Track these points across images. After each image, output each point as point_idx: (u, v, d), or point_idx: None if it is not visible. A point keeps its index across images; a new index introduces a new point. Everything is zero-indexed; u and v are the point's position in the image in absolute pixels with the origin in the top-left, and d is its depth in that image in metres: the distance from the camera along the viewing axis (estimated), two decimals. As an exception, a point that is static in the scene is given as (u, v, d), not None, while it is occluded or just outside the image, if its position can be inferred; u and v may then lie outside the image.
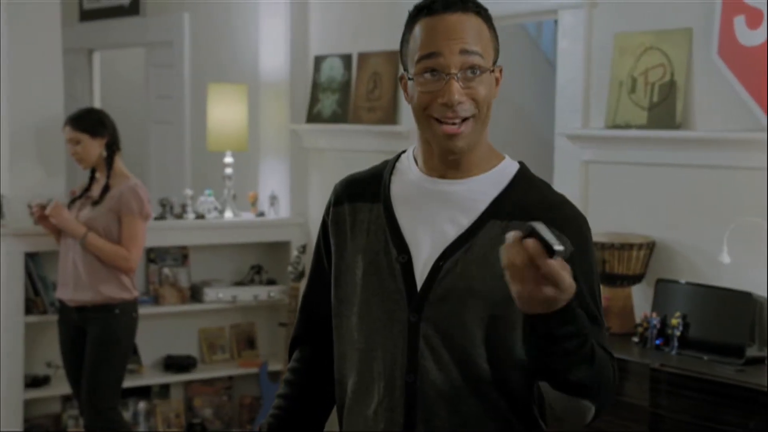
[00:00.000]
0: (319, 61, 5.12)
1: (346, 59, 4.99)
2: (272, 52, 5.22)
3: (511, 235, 1.45)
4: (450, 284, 1.67)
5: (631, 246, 3.54)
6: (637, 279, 3.59)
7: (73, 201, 4.24)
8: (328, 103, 5.05)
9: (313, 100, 5.13)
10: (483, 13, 1.71)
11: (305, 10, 5.19)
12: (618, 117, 3.73)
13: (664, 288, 3.50)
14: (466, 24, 1.67)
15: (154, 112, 6.50)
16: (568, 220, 1.69)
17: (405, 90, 1.76)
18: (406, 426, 1.69)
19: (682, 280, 3.47)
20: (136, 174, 6.61)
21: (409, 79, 1.73)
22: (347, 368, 1.77)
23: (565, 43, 4.00)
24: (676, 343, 3.32)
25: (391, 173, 1.81)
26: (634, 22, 3.73)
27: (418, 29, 1.71)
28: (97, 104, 7.00)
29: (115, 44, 6.95)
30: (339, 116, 4.99)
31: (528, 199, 1.72)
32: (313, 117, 5.13)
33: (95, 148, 4.16)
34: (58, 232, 4.21)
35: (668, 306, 3.43)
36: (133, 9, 6.48)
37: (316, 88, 5.12)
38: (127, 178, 4.20)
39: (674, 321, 3.35)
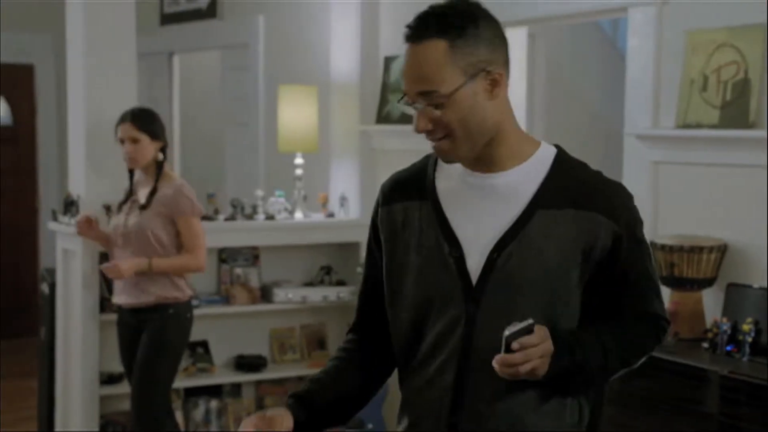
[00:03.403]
0: (388, 61, 5.11)
1: (416, 60, 4.97)
2: (343, 53, 5.23)
3: (497, 361, 1.62)
4: (505, 276, 1.72)
5: (701, 249, 3.45)
6: (707, 283, 3.49)
7: (119, 206, 4.19)
8: (397, 103, 5.03)
9: (383, 100, 5.13)
10: (442, 29, 1.69)
11: (375, 11, 5.19)
12: (689, 116, 3.63)
13: (735, 292, 3.39)
14: (419, 56, 1.69)
15: (229, 114, 6.58)
16: (610, 200, 1.76)
17: None
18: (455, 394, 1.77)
19: (755, 285, 3.36)
20: (214, 176, 6.80)
21: None
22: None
23: (635, 41, 3.91)
24: (747, 350, 3.23)
25: (434, 170, 1.85)
26: (705, 19, 3.62)
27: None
28: (176, 107, 7.12)
29: (194, 47, 7.06)
30: (408, 117, 4.95)
31: (570, 184, 1.76)
32: (382, 118, 5.12)
33: (151, 150, 4.08)
34: (105, 239, 4.22)
35: (740, 311, 3.33)
36: (211, 12, 6.57)
37: (386, 88, 5.11)
38: (172, 180, 4.14)
39: (746, 327, 3.25)
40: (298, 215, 5.06)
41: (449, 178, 1.82)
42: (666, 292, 3.58)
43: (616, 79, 5.14)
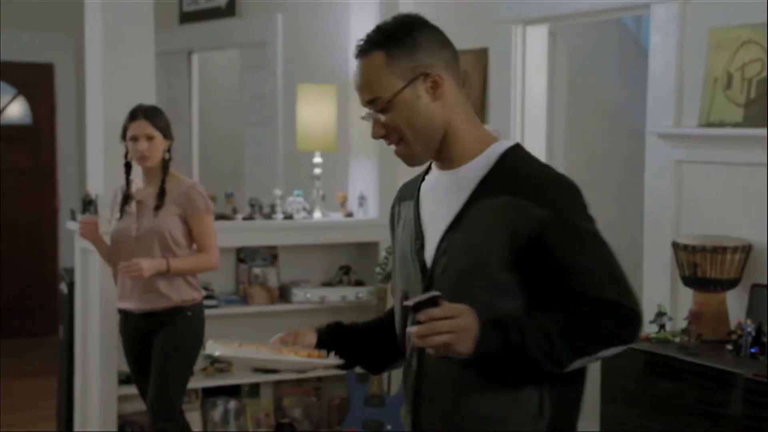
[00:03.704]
0: (408, 60, 5.07)
1: (435, 58, 4.93)
2: (362, 51, 5.19)
3: (411, 331, 1.72)
4: (447, 264, 1.87)
5: (725, 249, 3.39)
6: (731, 284, 3.44)
7: (121, 208, 4.04)
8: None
9: (402, 99, 5.08)
10: (380, 42, 1.86)
11: (395, 9, 5.14)
12: (712, 114, 3.58)
13: (760, 293, 3.34)
14: (363, 68, 1.88)
15: (248, 113, 6.57)
16: (542, 188, 1.83)
17: None
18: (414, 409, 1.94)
19: (780, 286, 3.31)
20: (233, 175, 6.78)
21: None
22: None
23: (658, 38, 3.86)
24: (772, 352, 3.17)
25: (426, 172, 2.02)
26: (729, 16, 3.57)
27: None
28: (194, 106, 7.12)
29: (213, 46, 7.05)
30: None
31: (509, 176, 1.87)
32: (401, 117, 5.08)
33: (162, 149, 4.00)
34: (104, 244, 4.07)
35: (764, 312, 3.27)
36: (230, 11, 6.56)
37: (405, 87, 5.07)
38: (181, 180, 4.05)
39: (770, 329, 3.20)
40: (317, 215, 5.04)
41: (429, 178, 1.99)
42: (689, 293, 3.53)
43: (639, 77, 5.08)
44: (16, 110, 7.82)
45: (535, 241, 1.79)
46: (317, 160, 5.05)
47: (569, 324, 1.76)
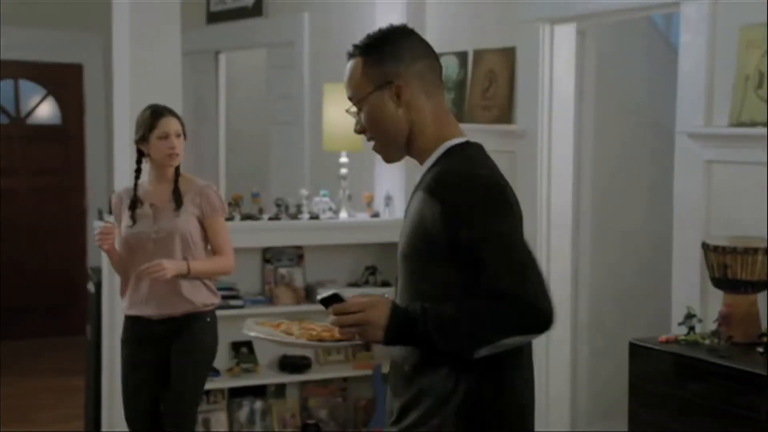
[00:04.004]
0: (434, 59, 5.05)
1: (462, 57, 4.91)
2: (388, 51, 5.17)
3: (330, 321, 1.98)
4: (398, 249, 2.10)
5: (755, 250, 3.34)
6: (762, 285, 3.38)
7: (132, 210, 3.83)
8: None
9: (429, 99, 5.06)
10: (362, 49, 2.10)
11: (421, 8, 5.13)
12: (743, 114, 3.52)
13: (791, 296, 3.28)
14: (348, 70, 2.13)
15: (274, 112, 6.57)
16: (440, 182, 2.00)
17: None
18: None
19: (812, 288, 3.25)
20: (259, 174, 6.79)
21: None
22: None
23: (688, 37, 3.81)
24: (804, 355, 3.12)
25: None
26: (760, 14, 3.51)
27: None
28: (222, 105, 7.14)
29: (240, 45, 7.06)
30: (454, 115, 4.89)
31: (432, 172, 2.06)
32: (428, 116, 5.06)
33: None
34: (115, 252, 3.84)
35: (796, 315, 3.22)
36: (257, 10, 6.57)
37: (432, 86, 5.04)
38: (192, 180, 3.90)
39: (802, 331, 3.14)
40: (343, 215, 5.03)
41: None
42: (719, 295, 3.48)
43: (668, 76, 5.02)
44: (46, 110, 7.88)
45: (440, 233, 1.96)
46: (344, 159, 5.03)
47: (467, 313, 1.92)
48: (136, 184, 3.88)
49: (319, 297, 1.99)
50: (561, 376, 4.66)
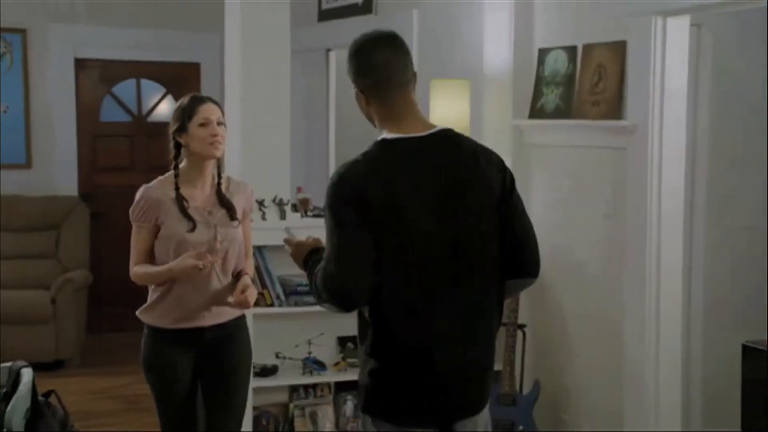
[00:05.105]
0: (542, 53, 4.98)
1: (571, 51, 4.83)
2: (496, 45, 5.14)
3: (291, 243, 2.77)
4: None
5: None
6: None
7: (184, 213, 3.49)
8: (551, 97, 4.91)
9: (537, 94, 5.00)
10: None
11: (529, 7, 5.07)
12: None
13: None
14: None
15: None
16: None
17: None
18: None
19: None
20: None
21: None
22: None
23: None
24: None
25: None
26: None
27: None
28: (332, 103, 7.20)
29: (349, 43, 7.09)
30: (562, 111, 4.83)
31: None
32: (536, 112, 5.00)
33: None
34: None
35: None
36: (366, 7, 6.60)
37: (540, 81, 4.98)
38: (230, 178, 3.66)
39: None
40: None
41: None
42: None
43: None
44: (166, 108, 8.10)
45: None
46: (450, 156, 5.00)
47: (314, 278, 2.54)
48: (176, 181, 3.54)
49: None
50: (671, 376, 4.51)
